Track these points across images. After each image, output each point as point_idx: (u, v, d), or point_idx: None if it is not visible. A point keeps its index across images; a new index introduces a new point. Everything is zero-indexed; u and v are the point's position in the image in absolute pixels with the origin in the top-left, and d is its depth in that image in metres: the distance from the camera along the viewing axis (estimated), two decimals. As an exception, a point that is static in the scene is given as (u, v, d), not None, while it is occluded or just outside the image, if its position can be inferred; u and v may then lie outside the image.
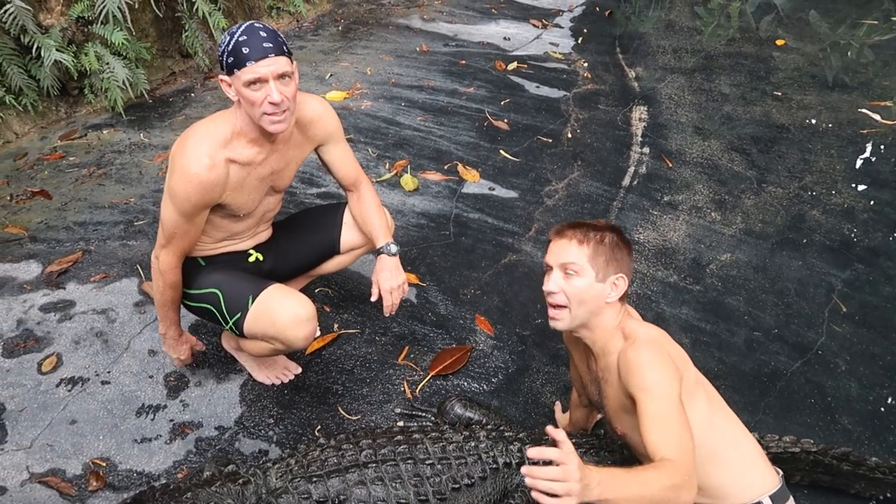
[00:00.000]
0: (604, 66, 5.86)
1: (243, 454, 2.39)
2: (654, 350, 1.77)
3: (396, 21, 6.55)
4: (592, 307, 1.88)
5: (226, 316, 2.28)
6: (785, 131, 4.78)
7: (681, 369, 1.80)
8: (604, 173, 4.24)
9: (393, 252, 2.47)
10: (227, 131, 2.12)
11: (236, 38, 1.95)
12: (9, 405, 2.49)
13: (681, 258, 3.51)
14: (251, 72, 1.95)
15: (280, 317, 2.20)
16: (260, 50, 1.94)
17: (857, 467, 2.29)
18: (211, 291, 2.30)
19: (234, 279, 2.32)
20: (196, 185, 2.07)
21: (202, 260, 2.37)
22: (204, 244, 2.36)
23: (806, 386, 2.80)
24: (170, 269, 2.25)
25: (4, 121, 4.18)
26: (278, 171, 2.30)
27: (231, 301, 2.27)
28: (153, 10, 4.71)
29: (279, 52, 1.98)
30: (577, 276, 1.85)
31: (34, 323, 2.83)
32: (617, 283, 1.87)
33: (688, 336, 3.02)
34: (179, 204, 2.11)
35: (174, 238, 2.18)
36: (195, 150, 2.07)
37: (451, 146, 4.41)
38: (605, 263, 1.85)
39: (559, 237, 1.90)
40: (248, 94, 1.98)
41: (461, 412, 2.38)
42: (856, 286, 3.35)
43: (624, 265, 1.89)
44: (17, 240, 3.30)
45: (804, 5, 7.44)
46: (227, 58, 1.97)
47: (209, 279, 2.33)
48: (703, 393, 1.89)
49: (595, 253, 1.85)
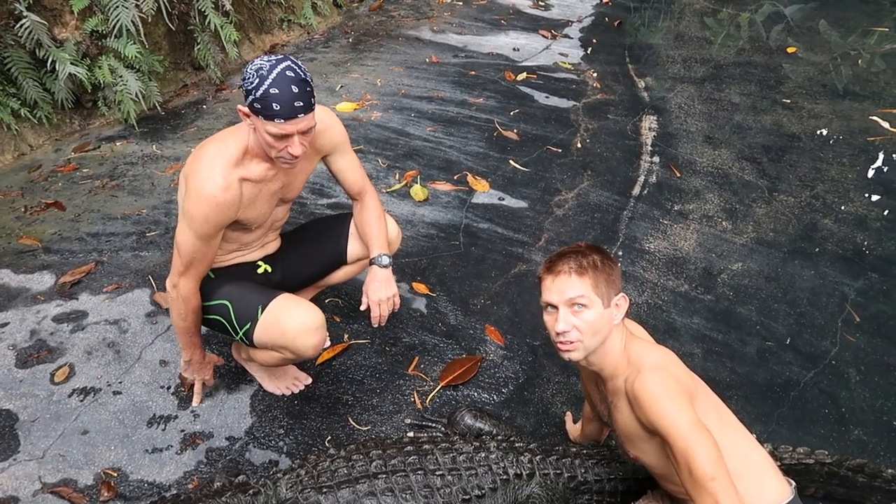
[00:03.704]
0: (613, 76, 5.86)
1: (254, 465, 2.40)
2: (660, 379, 1.76)
3: (406, 32, 6.59)
4: (606, 334, 1.87)
5: (235, 327, 2.30)
6: (796, 140, 4.76)
7: (689, 388, 1.80)
8: (613, 183, 4.24)
9: (384, 264, 2.45)
10: (238, 150, 2.13)
11: (267, 89, 1.91)
12: (21, 415, 2.51)
13: (692, 267, 3.49)
14: (278, 128, 1.96)
15: (290, 326, 2.21)
16: (290, 109, 1.93)
17: (873, 479, 2.26)
18: (221, 303, 2.32)
19: (243, 290, 2.33)
20: (213, 206, 2.08)
21: (212, 273, 2.37)
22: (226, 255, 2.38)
23: (819, 396, 2.78)
24: (192, 295, 2.25)
25: (19, 133, 4.24)
26: (288, 184, 2.31)
27: (241, 312, 2.28)
28: (166, 23, 4.76)
29: (308, 110, 1.98)
30: (587, 309, 1.82)
31: (47, 333, 2.85)
32: (619, 303, 1.86)
33: (699, 346, 3.00)
34: (198, 227, 2.12)
35: (193, 263, 2.19)
36: (209, 172, 2.08)
37: (460, 156, 4.42)
38: (606, 288, 1.84)
39: (554, 274, 1.86)
40: (269, 139, 2.01)
41: (471, 423, 2.37)
42: (869, 295, 3.31)
43: (618, 283, 1.89)
44: (31, 251, 3.33)
45: (814, 15, 7.43)
46: (253, 101, 1.95)
47: (219, 291, 2.33)
48: (713, 410, 1.88)
49: (596, 280, 1.83)
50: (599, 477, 2.14)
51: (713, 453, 1.61)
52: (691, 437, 1.63)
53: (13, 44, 4.01)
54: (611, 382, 1.92)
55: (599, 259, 1.86)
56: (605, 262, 1.86)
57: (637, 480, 2.17)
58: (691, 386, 1.83)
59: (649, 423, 1.74)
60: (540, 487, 2.06)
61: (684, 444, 1.63)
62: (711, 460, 1.60)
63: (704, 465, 1.60)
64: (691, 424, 1.66)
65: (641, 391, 1.75)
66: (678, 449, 1.64)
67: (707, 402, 1.88)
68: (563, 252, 1.91)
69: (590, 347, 1.86)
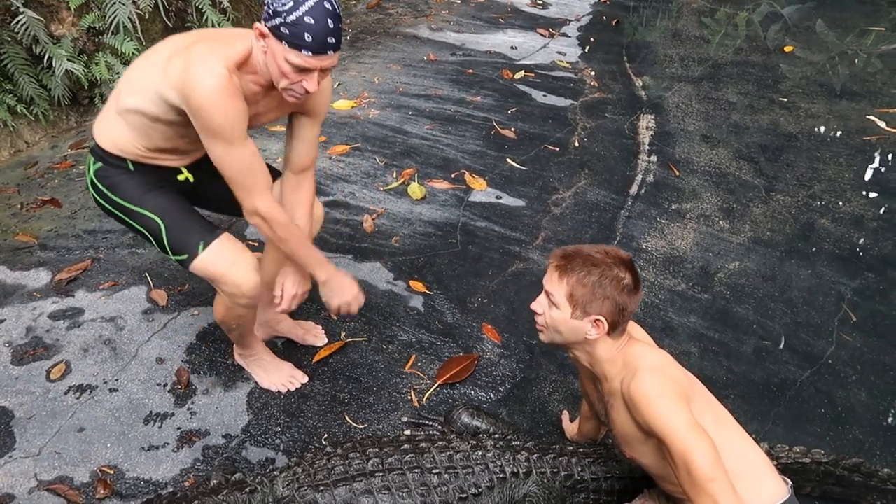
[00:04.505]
0: (611, 74, 5.86)
1: (250, 462, 2.39)
2: (656, 380, 1.76)
3: (404, 31, 6.58)
4: (571, 338, 1.89)
5: (167, 249, 2.21)
6: (793, 140, 4.77)
7: (685, 388, 1.80)
8: (611, 182, 4.24)
9: None
10: (240, 55, 1.98)
11: (302, 16, 1.80)
12: (17, 412, 2.50)
13: (689, 266, 3.50)
14: (303, 60, 1.85)
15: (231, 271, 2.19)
16: (322, 44, 1.84)
17: (869, 478, 2.26)
18: (151, 217, 2.21)
19: (178, 213, 2.23)
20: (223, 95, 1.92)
21: (131, 163, 2.21)
22: (139, 146, 2.18)
23: (816, 396, 2.78)
24: (276, 210, 2.12)
25: (16, 130, 4.22)
26: (260, 114, 2.18)
27: (176, 239, 2.19)
28: (163, 20, 4.75)
29: (337, 48, 1.90)
30: (556, 308, 1.86)
31: (43, 330, 2.85)
32: (597, 324, 1.84)
33: (696, 345, 3.01)
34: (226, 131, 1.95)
35: (250, 175, 2.04)
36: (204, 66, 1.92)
37: (458, 155, 4.42)
38: (583, 303, 1.82)
39: (552, 262, 1.90)
40: (286, 68, 1.88)
41: (468, 421, 2.37)
42: (866, 295, 3.32)
43: (608, 306, 1.81)
44: (27, 248, 3.32)
45: (811, 14, 7.44)
46: (281, 25, 1.82)
47: (148, 201, 2.20)
48: (710, 410, 1.88)
49: (573, 291, 1.83)
50: (596, 475, 2.14)
51: (711, 454, 1.62)
52: (689, 438, 1.63)
53: (9, 40, 4.00)
54: (607, 384, 1.92)
55: (596, 277, 1.82)
56: (599, 282, 1.81)
57: (634, 479, 2.17)
58: (687, 387, 1.83)
59: (646, 424, 1.74)
60: (537, 486, 2.06)
61: (682, 446, 1.63)
62: (710, 461, 1.60)
63: (703, 467, 1.60)
64: (688, 426, 1.66)
65: (638, 393, 1.75)
66: (676, 451, 1.65)
67: (703, 402, 1.89)
68: (577, 250, 1.89)
69: (554, 340, 1.92)
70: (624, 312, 1.84)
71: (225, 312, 2.38)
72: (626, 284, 1.83)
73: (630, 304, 1.84)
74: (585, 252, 1.87)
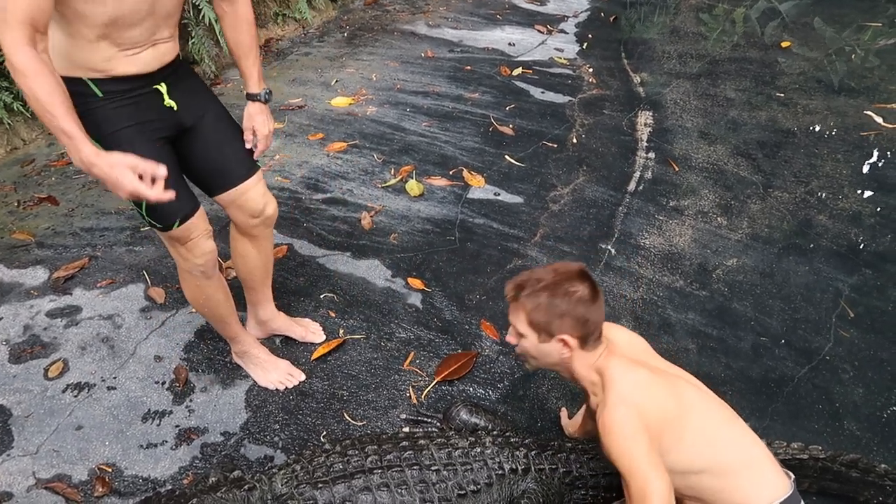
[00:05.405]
0: (609, 71, 5.86)
1: (249, 460, 2.39)
2: (619, 417, 1.77)
3: (402, 27, 6.56)
4: (550, 361, 1.92)
5: (142, 213, 2.11)
6: (791, 136, 4.77)
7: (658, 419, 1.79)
8: (609, 178, 4.24)
9: (270, 99, 2.37)
10: None
11: None
12: (15, 411, 2.50)
13: (687, 263, 3.50)
14: None
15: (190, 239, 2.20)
16: None
17: (867, 474, 2.27)
18: None
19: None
20: None
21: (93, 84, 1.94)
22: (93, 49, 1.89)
23: (813, 392, 2.79)
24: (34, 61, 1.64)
25: (12, 127, 4.21)
26: None
27: (155, 210, 2.06)
28: (160, 17, 4.73)
29: None
30: (524, 338, 1.89)
31: (41, 328, 2.84)
32: (564, 342, 1.84)
33: (694, 342, 3.01)
34: None
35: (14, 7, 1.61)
36: None
37: (456, 152, 4.41)
38: (544, 327, 1.84)
39: (506, 295, 1.92)
40: None
41: (467, 418, 2.37)
42: (863, 291, 3.33)
43: (567, 323, 1.81)
44: (25, 246, 3.32)
45: (809, 10, 7.43)
46: None
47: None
48: (700, 415, 1.88)
49: (531, 318, 1.85)
50: (595, 472, 2.15)
51: (665, 496, 1.67)
52: (647, 479, 1.69)
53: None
54: (592, 398, 1.95)
55: (541, 300, 1.82)
56: (547, 304, 1.81)
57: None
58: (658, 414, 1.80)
59: (609, 456, 1.78)
60: (535, 482, 2.07)
61: (638, 485, 1.70)
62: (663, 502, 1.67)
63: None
64: (647, 466, 1.70)
65: (602, 427, 1.79)
66: (633, 489, 1.71)
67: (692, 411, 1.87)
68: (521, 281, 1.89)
69: (537, 366, 1.96)
70: (587, 324, 1.83)
71: (187, 288, 2.39)
72: (581, 296, 1.81)
73: (590, 313, 1.83)
74: (534, 276, 1.87)
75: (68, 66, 1.91)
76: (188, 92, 2.20)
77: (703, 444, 1.85)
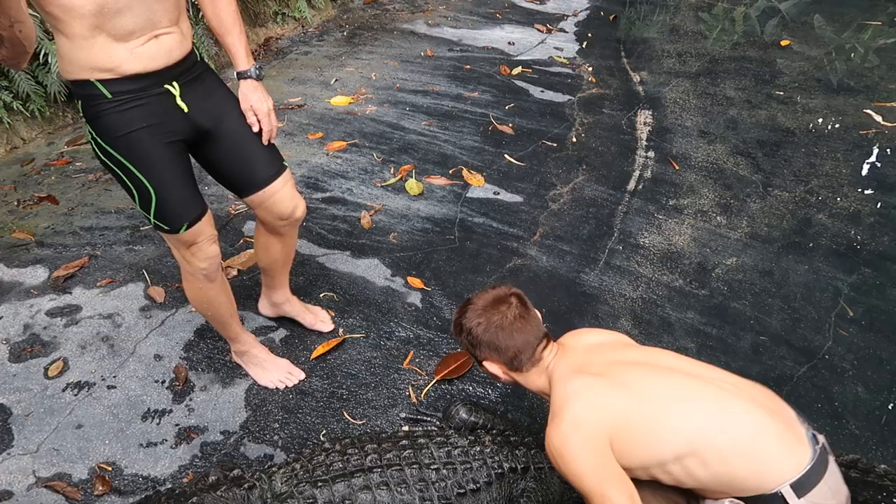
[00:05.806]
0: (608, 70, 5.86)
1: (248, 459, 2.40)
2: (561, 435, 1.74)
3: (401, 26, 6.56)
4: (506, 381, 2.04)
5: (149, 216, 2.12)
6: (790, 135, 4.77)
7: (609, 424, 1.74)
8: (609, 177, 4.24)
9: (261, 76, 2.31)
10: None
11: None
12: (15, 410, 2.50)
13: (686, 262, 3.50)
14: None
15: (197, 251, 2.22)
16: None
17: (866, 475, 2.27)
18: (144, 184, 2.04)
19: (172, 185, 2.07)
20: None
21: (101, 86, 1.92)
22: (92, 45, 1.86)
23: (813, 391, 2.79)
24: None
25: (12, 126, 4.21)
26: None
27: (164, 214, 2.10)
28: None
29: None
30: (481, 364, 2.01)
31: (41, 328, 2.84)
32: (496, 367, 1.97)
33: (693, 340, 3.01)
34: None
35: None
36: None
37: (455, 151, 4.42)
38: (472, 353, 1.99)
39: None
40: None
41: (466, 417, 2.37)
42: (863, 290, 3.33)
43: (486, 352, 1.94)
44: (24, 245, 3.32)
45: (809, 9, 7.43)
46: None
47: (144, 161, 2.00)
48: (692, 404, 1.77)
49: (467, 350, 2.02)
50: (594, 471, 2.15)
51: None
52: (604, 495, 1.67)
53: (5, 36, 3.98)
54: None
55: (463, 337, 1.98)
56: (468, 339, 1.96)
57: (631, 474, 2.18)
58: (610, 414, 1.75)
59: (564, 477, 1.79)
60: (535, 481, 2.07)
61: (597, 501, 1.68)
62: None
63: None
64: (600, 483, 1.68)
65: (548, 452, 1.80)
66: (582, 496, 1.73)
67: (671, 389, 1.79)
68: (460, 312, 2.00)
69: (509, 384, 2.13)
70: (506, 349, 1.90)
71: (189, 290, 2.39)
72: (497, 323, 1.89)
73: (510, 339, 1.89)
74: (461, 311, 1.99)
75: (74, 69, 1.91)
76: (204, 93, 2.17)
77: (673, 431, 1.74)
